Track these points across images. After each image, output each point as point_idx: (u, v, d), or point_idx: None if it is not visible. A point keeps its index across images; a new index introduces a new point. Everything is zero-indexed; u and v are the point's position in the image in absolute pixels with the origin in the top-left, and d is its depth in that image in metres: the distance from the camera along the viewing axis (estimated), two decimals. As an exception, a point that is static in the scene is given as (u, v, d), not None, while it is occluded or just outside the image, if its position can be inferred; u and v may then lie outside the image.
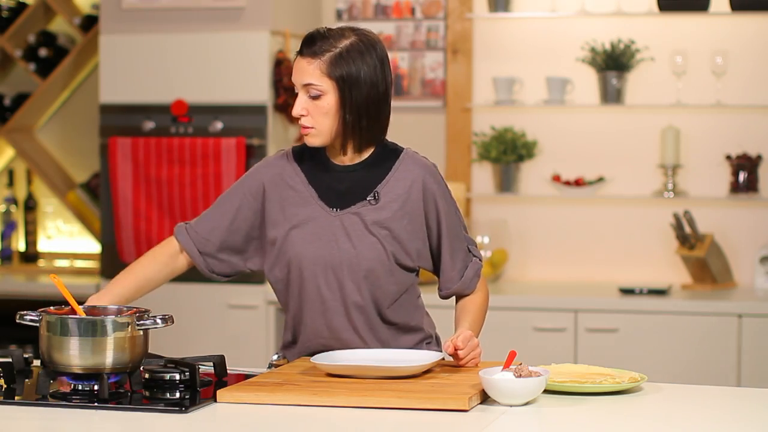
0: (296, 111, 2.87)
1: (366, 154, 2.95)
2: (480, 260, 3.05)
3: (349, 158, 2.94)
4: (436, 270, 3.01)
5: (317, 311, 2.93)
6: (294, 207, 2.95)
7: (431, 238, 2.97)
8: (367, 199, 2.93)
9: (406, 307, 2.99)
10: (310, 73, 2.85)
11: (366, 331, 2.94)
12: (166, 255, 3.03)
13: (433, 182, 2.96)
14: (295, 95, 2.90)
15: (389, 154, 2.97)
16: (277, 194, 2.97)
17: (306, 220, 2.93)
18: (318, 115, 2.87)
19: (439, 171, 3.00)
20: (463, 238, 3.01)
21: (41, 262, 5.75)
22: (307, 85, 2.85)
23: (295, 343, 3.01)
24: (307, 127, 2.88)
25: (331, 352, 2.85)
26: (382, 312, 2.94)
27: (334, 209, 2.93)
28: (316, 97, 2.86)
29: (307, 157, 2.99)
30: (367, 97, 2.87)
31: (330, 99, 2.86)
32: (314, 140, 2.90)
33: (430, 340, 3.05)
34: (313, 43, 2.86)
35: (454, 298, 3.04)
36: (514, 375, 2.54)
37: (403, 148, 3.00)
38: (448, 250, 2.97)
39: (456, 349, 2.80)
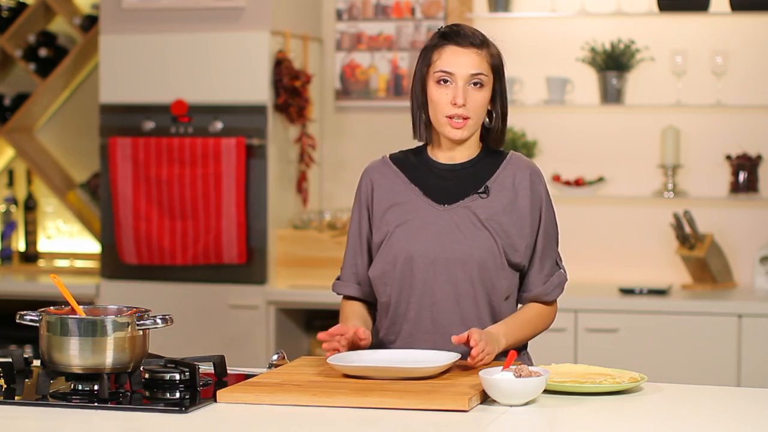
0: (461, 99, 2.86)
1: (473, 154, 2.96)
2: (565, 274, 3.02)
3: (460, 157, 2.95)
4: (522, 274, 2.99)
5: (425, 306, 2.91)
6: (398, 205, 2.95)
7: (528, 241, 2.95)
8: (478, 192, 2.93)
9: (514, 309, 2.99)
10: (478, 62, 2.88)
11: (475, 326, 2.91)
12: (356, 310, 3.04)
13: (540, 184, 2.98)
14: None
15: (495, 154, 2.99)
16: (380, 196, 2.97)
17: (411, 216, 2.93)
18: (477, 107, 2.89)
19: (545, 186, 3.01)
20: (556, 247, 3.00)
21: (41, 262, 5.75)
22: (474, 75, 2.87)
23: (392, 339, 2.98)
24: (465, 118, 2.88)
25: (346, 353, 2.83)
26: (495, 307, 2.92)
27: (442, 204, 2.92)
28: (479, 87, 2.88)
29: (405, 160, 3.00)
30: (506, 97, 2.96)
31: (488, 91, 2.91)
32: (465, 132, 2.91)
33: (525, 352, 3.03)
34: (470, 35, 2.89)
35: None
36: (514, 375, 2.54)
37: (508, 150, 3.01)
38: (540, 254, 2.96)
39: (469, 340, 2.74)
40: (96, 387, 2.62)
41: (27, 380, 2.76)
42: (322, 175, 5.50)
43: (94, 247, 5.68)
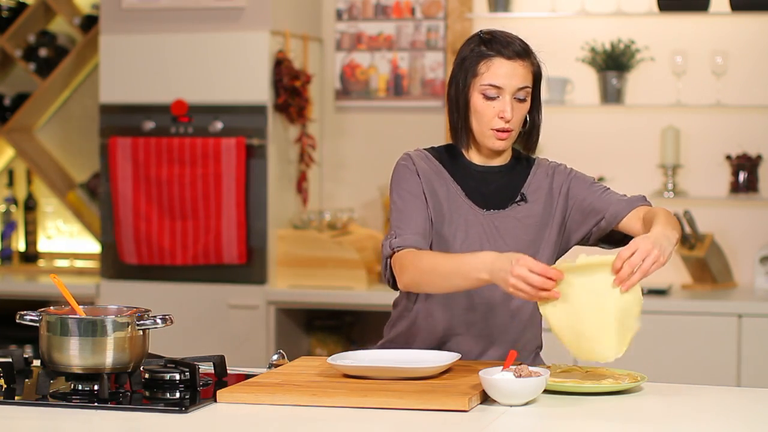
0: (509, 114, 2.85)
1: (506, 157, 2.97)
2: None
3: (498, 161, 2.96)
4: (600, 231, 2.94)
5: (478, 307, 2.91)
6: (441, 201, 2.93)
7: (590, 197, 2.94)
8: (516, 201, 2.94)
9: None
10: (524, 76, 2.88)
11: (522, 330, 2.92)
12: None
13: (568, 171, 3.01)
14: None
15: (523, 158, 3.01)
16: (429, 188, 2.94)
17: (456, 217, 2.92)
18: (521, 118, 2.91)
19: (567, 166, 3.04)
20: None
21: (41, 262, 5.75)
22: (521, 89, 2.87)
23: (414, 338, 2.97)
24: (509, 131, 2.89)
25: (347, 353, 2.84)
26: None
27: (483, 209, 2.93)
28: (523, 100, 2.89)
29: (444, 157, 2.98)
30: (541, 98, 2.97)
31: (529, 101, 2.91)
32: (508, 143, 2.92)
33: (539, 350, 3.05)
34: (513, 45, 2.87)
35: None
36: (514, 375, 2.54)
37: (535, 156, 3.03)
38: (601, 191, 2.96)
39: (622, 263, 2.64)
40: (96, 387, 2.62)
41: (27, 380, 2.76)
42: (322, 175, 5.50)
43: (94, 247, 5.68)
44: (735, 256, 5.14)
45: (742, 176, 5.07)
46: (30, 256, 5.74)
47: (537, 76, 2.92)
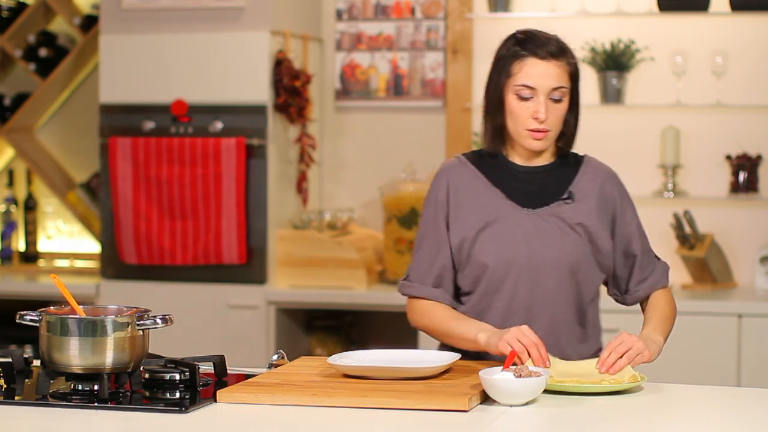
0: (543, 115, 2.84)
1: (550, 158, 2.96)
2: (666, 264, 3.04)
3: (540, 160, 2.95)
4: (616, 277, 3.00)
5: (513, 311, 2.89)
6: (480, 208, 2.91)
7: (617, 241, 2.95)
8: (563, 198, 2.92)
9: (598, 312, 3.02)
10: (559, 76, 2.86)
11: (564, 333, 2.92)
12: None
13: (621, 186, 3.01)
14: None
15: (570, 157, 2.99)
16: (458, 197, 2.93)
17: (495, 220, 2.90)
18: (557, 118, 2.89)
19: (616, 177, 3.03)
20: (647, 241, 3.01)
21: (41, 262, 5.75)
22: (555, 89, 2.86)
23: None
24: (545, 131, 2.87)
25: (347, 353, 2.84)
26: (583, 310, 2.93)
27: (527, 208, 2.91)
28: (559, 100, 2.87)
29: (482, 161, 2.97)
30: (580, 96, 2.94)
31: (567, 101, 2.89)
32: (545, 144, 2.90)
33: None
34: (548, 45, 2.86)
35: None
36: (514, 375, 2.54)
37: (583, 154, 3.02)
38: (641, 250, 2.98)
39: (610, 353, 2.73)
40: (96, 387, 2.62)
41: (27, 380, 2.76)
42: (322, 175, 5.50)
43: (94, 247, 5.67)
44: (735, 256, 5.14)
45: (742, 176, 5.07)
46: (30, 256, 5.74)
47: (574, 76, 2.90)
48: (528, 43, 2.87)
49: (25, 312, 2.68)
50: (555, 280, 2.89)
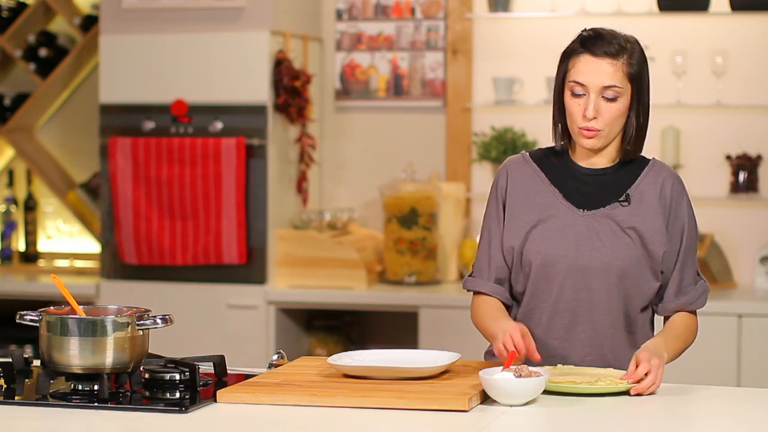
0: (591, 113, 2.82)
1: (613, 160, 2.92)
2: (707, 284, 2.99)
3: (600, 162, 2.91)
4: (663, 283, 2.94)
5: (558, 312, 2.87)
6: (534, 206, 2.90)
7: (670, 249, 2.90)
8: (619, 200, 2.88)
9: (648, 321, 2.96)
10: (611, 74, 2.82)
11: (607, 338, 2.88)
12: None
13: (682, 193, 2.93)
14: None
15: (636, 160, 2.94)
16: (516, 193, 2.92)
17: (549, 218, 2.88)
18: (610, 118, 2.83)
19: (681, 185, 2.95)
20: (695, 258, 2.95)
21: (41, 262, 5.75)
22: (607, 87, 2.82)
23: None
24: (596, 130, 2.84)
25: (347, 352, 2.83)
26: (630, 317, 2.89)
27: (582, 209, 2.88)
28: (612, 99, 2.83)
29: (546, 159, 2.95)
30: (648, 101, 2.89)
31: (625, 101, 2.84)
32: (597, 143, 2.86)
33: None
34: (608, 43, 2.83)
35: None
36: (514, 375, 2.54)
37: (650, 158, 2.97)
38: (682, 263, 2.92)
39: (637, 365, 2.69)
40: (96, 387, 2.62)
41: (27, 380, 2.76)
42: (322, 175, 5.50)
43: (94, 247, 5.67)
44: (735, 256, 5.14)
45: (742, 176, 5.07)
46: (30, 256, 5.74)
47: (633, 77, 2.84)
48: (588, 41, 2.85)
49: (25, 312, 2.68)
50: (602, 283, 2.84)
